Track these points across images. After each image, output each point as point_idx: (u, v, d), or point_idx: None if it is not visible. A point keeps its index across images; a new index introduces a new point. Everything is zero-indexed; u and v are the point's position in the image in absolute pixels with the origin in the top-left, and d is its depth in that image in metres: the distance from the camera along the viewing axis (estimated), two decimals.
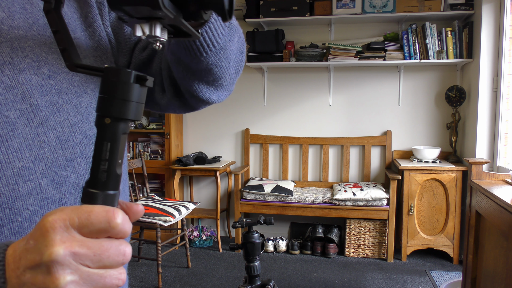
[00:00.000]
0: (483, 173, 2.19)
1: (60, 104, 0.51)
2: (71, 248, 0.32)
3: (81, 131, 0.53)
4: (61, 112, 0.51)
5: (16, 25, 0.49)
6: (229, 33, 0.57)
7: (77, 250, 0.33)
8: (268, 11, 3.58)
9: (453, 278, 2.99)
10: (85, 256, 0.33)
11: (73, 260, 0.33)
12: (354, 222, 3.47)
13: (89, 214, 0.33)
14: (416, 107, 3.72)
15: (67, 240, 0.33)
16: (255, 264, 1.74)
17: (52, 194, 0.49)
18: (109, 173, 0.36)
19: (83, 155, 0.53)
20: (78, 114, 0.53)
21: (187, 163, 3.66)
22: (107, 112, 0.36)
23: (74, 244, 0.33)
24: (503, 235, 1.76)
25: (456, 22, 3.39)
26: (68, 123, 0.51)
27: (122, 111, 0.36)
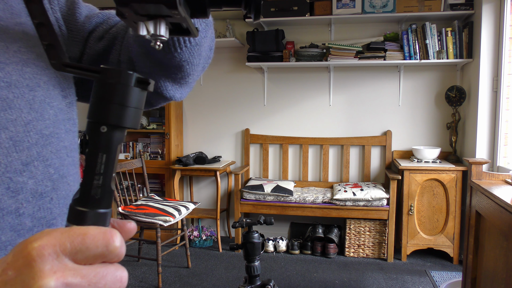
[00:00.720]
0: (483, 173, 2.19)
1: (11, 99, 0.44)
2: (63, 278, 0.28)
3: (37, 130, 0.46)
4: (13, 109, 0.44)
5: None
6: (205, 28, 0.53)
7: (70, 281, 0.28)
8: (268, 11, 3.58)
9: (453, 278, 2.99)
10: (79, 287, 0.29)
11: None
12: (354, 222, 3.47)
13: (84, 238, 0.29)
14: (416, 107, 3.72)
15: (58, 269, 0.28)
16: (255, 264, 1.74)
17: (7, 204, 0.42)
18: (103, 189, 0.32)
19: (40, 157, 0.47)
20: (32, 111, 0.46)
21: (187, 163, 3.66)
22: (103, 119, 0.31)
23: (67, 274, 0.28)
24: (503, 235, 1.76)
25: (456, 22, 3.39)
26: (22, 121, 0.45)
27: (120, 118, 0.32)
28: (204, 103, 4.07)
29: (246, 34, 3.69)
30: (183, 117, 4.09)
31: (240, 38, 3.87)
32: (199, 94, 4.08)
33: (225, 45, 3.91)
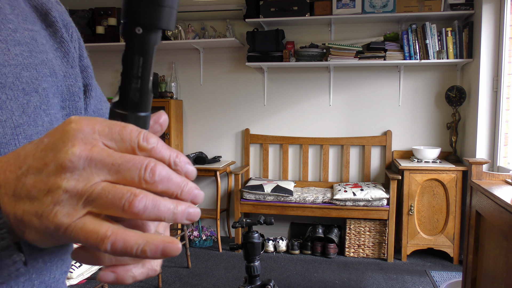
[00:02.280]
0: (483, 173, 2.19)
1: (3, 101, 0.43)
2: (90, 152, 0.28)
3: (26, 135, 0.45)
4: (3, 110, 0.43)
5: None
6: None
7: (95, 156, 0.28)
8: (268, 11, 3.58)
9: (453, 278, 2.99)
10: (101, 163, 0.28)
11: (87, 165, 0.28)
12: (354, 222, 3.47)
13: (122, 129, 0.30)
14: (416, 107, 3.72)
15: (89, 143, 0.28)
16: (255, 264, 1.74)
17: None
18: (142, 92, 0.32)
19: None
20: (23, 115, 0.45)
21: None
22: (138, 19, 0.30)
23: (94, 149, 0.28)
24: (503, 235, 1.76)
25: (456, 22, 3.39)
26: (11, 124, 0.43)
27: (155, 18, 0.31)
28: (204, 103, 4.07)
29: (246, 34, 3.69)
30: (183, 117, 4.09)
31: (240, 38, 3.87)
32: (199, 94, 4.08)
33: (225, 45, 3.91)
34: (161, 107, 3.86)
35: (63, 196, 0.28)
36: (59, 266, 0.46)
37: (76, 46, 0.57)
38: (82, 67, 0.58)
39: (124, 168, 0.29)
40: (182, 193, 0.30)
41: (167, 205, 0.29)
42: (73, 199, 0.28)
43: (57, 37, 0.53)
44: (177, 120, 3.92)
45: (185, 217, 0.30)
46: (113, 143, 0.29)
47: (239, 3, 3.77)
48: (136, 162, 0.29)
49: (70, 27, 0.56)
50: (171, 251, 0.29)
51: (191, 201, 0.31)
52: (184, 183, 0.30)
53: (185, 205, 0.30)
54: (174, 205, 0.29)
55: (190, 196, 0.31)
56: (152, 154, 0.30)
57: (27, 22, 0.49)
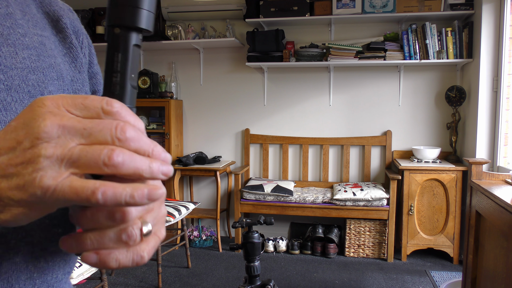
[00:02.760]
0: (483, 173, 2.19)
1: (8, 102, 0.44)
2: (59, 120, 0.30)
3: None
4: (8, 111, 0.44)
5: None
6: None
7: (65, 123, 0.30)
8: (268, 11, 3.58)
9: (453, 278, 2.99)
10: (74, 129, 0.30)
11: (61, 132, 0.30)
12: (354, 222, 3.47)
13: (84, 99, 0.31)
14: (416, 107, 3.72)
15: (57, 114, 0.30)
16: (255, 264, 1.74)
17: None
18: (121, 85, 0.34)
19: None
20: None
21: (187, 163, 3.66)
22: (116, 20, 0.34)
23: (63, 117, 0.30)
24: (503, 235, 1.76)
25: (456, 22, 3.39)
26: None
27: (133, 19, 0.34)
28: (204, 103, 4.08)
29: (246, 34, 3.69)
30: (183, 117, 4.09)
31: (240, 38, 3.87)
32: (199, 94, 4.08)
33: (225, 45, 3.91)
34: (161, 107, 3.86)
35: (44, 163, 0.29)
36: (61, 266, 0.47)
37: (86, 52, 0.59)
38: (92, 74, 0.60)
39: (96, 130, 0.30)
40: (153, 152, 0.32)
41: (143, 159, 0.31)
42: (54, 164, 0.30)
43: (66, 43, 0.55)
44: (177, 120, 3.92)
45: (160, 172, 0.32)
46: (79, 112, 0.31)
47: (239, 3, 3.77)
48: (107, 123, 0.31)
49: (81, 33, 0.58)
50: (156, 195, 0.31)
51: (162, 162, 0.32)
52: (152, 144, 0.32)
53: (158, 162, 0.32)
54: (149, 160, 0.31)
55: (160, 157, 0.33)
56: (117, 118, 0.32)
57: (37, 28, 0.51)
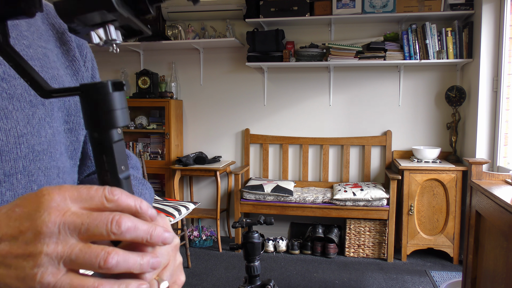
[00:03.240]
0: (483, 173, 2.19)
1: (10, 111, 0.45)
2: (62, 217, 0.31)
3: (29, 144, 0.47)
4: (9, 119, 0.45)
5: None
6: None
7: (67, 219, 0.31)
8: (268, 11, 3.58)
9: (453, 278, 2.99)
10: (73, 225, 0.32)
11: (62, 228, 0.31)
12: (354, 222, 3.47)
13: (89, 190, 0.33)
14: (416, 107, 3.72)
15: (63, 209, 0.32)
16: (255, 264, 1.74)
17: None
18: (114, 181, 0.36)
19: (26, 171, 0.47)
20: (28, 125, 0.47)
21: (187, 163, 3.66)
22: (94, 127, 0.36)
23: (67, 214, 0.32)
24: (503, 235, 1.76)
25: (456, 22, 3.39)
26: (15, 133, 0.46)
27: (109, 123, 0.35)
28: (204, 103, 4.08)
29: (246, 34, 3.69)
30: (183, 117, 4.09)
31: (240, 38, 3.87)
32: (199, 94, 4.08)
33: (225, 45, 3.91)
34: (161, 107, 3.86)
35: (45, 259, 0.31)
36: None
37: (89, 66, 0.60)
38: None
39: (93, 226, 0.32)
40: (152, 237, 0.34)
41: (135, 258, 0.33)
42: (54, 261, 0.31)
43: (70, 56, 0.57)
44: (177, 120, 3.92)
45: (149, 267, 0.34)
46: (85, 203, 0.33)
47: (239, 3, 3.77)
48: (103, 218, 0.32)
49: (85, 47, 0.60)
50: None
51: (162, 243, 0.35)
52: (151, 229, 0.34)
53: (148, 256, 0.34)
54: (140, 257, 0.33)
55: (159, 239, 0.34)
56: (119, 203, 0.34)
57: (42, 40, 0.52)
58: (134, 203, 0.34)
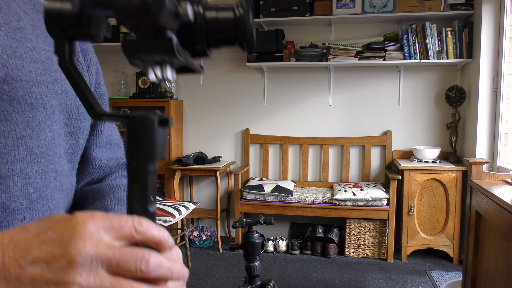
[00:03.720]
0: (483, 173, 2.19)
1: (10, 113, 0.45)
2: (97, 248, 0.32)
3: (27, 147, 0.47)
4: (9, 121, 0.45)
5: None
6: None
7: (101, 251, 0.33)
8: (268, 11, 3.58)
9: (453, 278, 2.99)
10: (106, 258, 0.33)
11: (95, 259, 0.32)
12: (354, 222, 3.47)
13: (120, 219, 0.34)
14: (416, 107, 3.72)
15: (96, 239, 0.33)
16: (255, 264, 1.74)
17: None
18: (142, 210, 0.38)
19: (23, 174, 0.47)
20: (27, 128, 0.47)
21: (187, 163, 3.66)
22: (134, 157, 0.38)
23: (101, 244, 0.33)
24: (503, 235, 1.76)
25: (456, 22, 3.39)
26: (14, 135, 0.46)
27: (148, 155, 0.38)
28: (204, 103, 4.08)
29: None
30: (183, 117, 4.09)
31: None
32: (199, 94, 4.08)
33: None
34: (161, 107, 3.86)
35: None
36: None
37: (93, 71, 0.60)
38: (99, 94, 0.62)
39: (123, 261, 0.33)
40: (172, 274, 0.36)
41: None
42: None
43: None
44: (177, 120, 3.92)
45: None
46: (115, 233, 0.34)
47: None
48: (133, 255, 0.34)
49: (90, 52, 0.60)
50: None
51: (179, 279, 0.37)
52: (172, 266, 0.36)
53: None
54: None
55: (178, 276, 0.36)
56: (147, 235, 0.35)
57: (46, 43, 0.53)
58: (158, 234, 0.36)
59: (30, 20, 0.52)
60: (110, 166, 0.65)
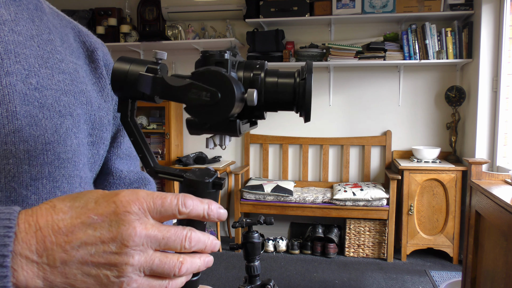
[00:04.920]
0: (483, 173, 2.19)
1: (40, 119, 0.48)
2: (146, 230, 0.34)
3: (55, 152, 0.49)
4: (38, 127, 0.47)
5: (18, 31, 0.49)
6: None
7: (150, 233, 0.35)
8: (268, 11, 3.58)
9: (453, 278, 2.99)
10: (155, 238, 0.35)
11: (145, 241, 0.34)
12: (354, 222, 3.47)
13: (163, 200, 0.36)
14: (416, 107, 3.73)
15: (143, 222, 0.35)
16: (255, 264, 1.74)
17: None
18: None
19: (51, 177, 0.49)
20: (55, 134, 0.50)
21: (187, 163, 3.66)
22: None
23: (149, 227, 0.35)
24: (503, 235, 1.76)
25: (456, 22, 3.39)
26: (43, 140, 0.48)
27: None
28: None
29: (246, 34, 3.69)
30: (183, 117, 4.09)
31: (240, 38, 3.88)
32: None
33: (225, 45, 3.90)
34: (161, 107, 3.86)
35: (130, 269, 0.34)
36: None
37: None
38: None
39: (171, 241, 0.36)
40: (206, 247, 0.39)
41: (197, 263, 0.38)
42: (137, 270, 0.34)
43: (97, 73, 0.60)
44: (177, 120, 3.92)
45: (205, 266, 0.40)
46: (159, 214, 0.36)
47: (239, 3, 3.77)
48: (179, 234, 0.37)
49: (112, 67, 0.62)
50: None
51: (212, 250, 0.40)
52: (207, 240, 0.39)
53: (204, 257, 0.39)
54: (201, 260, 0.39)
55: (212, 248, 0.40)
56: (190, 215, 0.38)
57: (73, 56, 0.56)
58: (203, 212, 0.38)
59: (58, 33, 0.55)
60: (130, 179, 0.66)
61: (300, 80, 0.41)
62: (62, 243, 0.32)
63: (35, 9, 0.53)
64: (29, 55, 0.49)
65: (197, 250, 0.38)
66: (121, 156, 0.65)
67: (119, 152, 0.65)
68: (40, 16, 0.53)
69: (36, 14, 0.52)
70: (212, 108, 0.37)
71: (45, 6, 0.55)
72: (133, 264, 0.34)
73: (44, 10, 0.54)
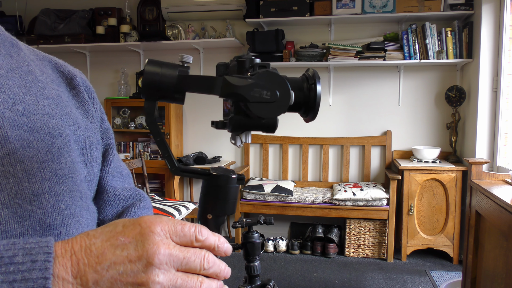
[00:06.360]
0: (483, 173, 2.19)
1: (31, 141, 0.50)
2: (169, 249, 0.37)
3: (51, 169, 0.51)
4: (31, 148, 0.50)
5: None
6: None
7: (173, 252, 0.38)
8: (268, 11, 3.58)
9: (453, 278, 2.99)
10: (177, 258, 0.38)
11: (168, 260, 0.37)
12: (354, 222, 3.47)
13: (183, 226, 0.40)
14: (416, 107, 3.72)
15: (166, 243, 0.38)
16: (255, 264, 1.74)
17: (13, 228, 0.46)
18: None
19: (52, 192, 0.51)
20: (48, 153, 0.52)
21: (187, 163, 3.66)
22: (210, 210, 0.44)
23: (171, 247, 0.38)
24: (503, 235, 1.76)
25: (456, 22, 3.39)
26: (38, 159, 0.50)
27: (223, 210, 0.44)
28: (204, 103, 4.08)
29: (246, 34, 3.69)
30: (183, 117, 4.09)
31: (240, 38, 3.88)
32: (199, 94, 4.07)
33: (225, 45, 3.91)
34: (161, 107, 3.86)
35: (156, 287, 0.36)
36: None
37: (97, 107, 0.66)
38: (104, 129, 0.67)
39: (191, 260, 0.39)
40: (221, 272, 0.43)
41: (214, 285, 0.41)
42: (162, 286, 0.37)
43: (79, 98, 0.63)
44: (177, 120, 3.92)
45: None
46: (178, 239, 0.39)
47: (239, 3, 3.77)
48: (199, 255, 0.40)
49: (92, 92, 0.66)
50: None
51: (225, 277, 0.44)
52: (222, 266, 0.43)
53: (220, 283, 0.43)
54: (217, 285, 0.42)
55: (224, 274, 0.44)
56: (205, 244, 0.41)
57: (54, 84, 0.59)
58: (214, 242, 0.42)
59: (37, 66, 0.58)
60: (125, 195, 0.68)
61: (309, 85, 0.46)
62: (93, 264, 0.35)
63: (11, 46, 0.56)
64: (13, 85, 0.51)
65: (214, 272, 0.41)
66: (112, 173, 0.67)
67: (111, 170, 0.67)
68: (17, 51, 0.56)
69: (13, 50, 0.55)
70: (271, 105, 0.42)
71: (20, 44, 0.58)
72: (158, 282, 0.36)
73: (19, 47, 0.57)
